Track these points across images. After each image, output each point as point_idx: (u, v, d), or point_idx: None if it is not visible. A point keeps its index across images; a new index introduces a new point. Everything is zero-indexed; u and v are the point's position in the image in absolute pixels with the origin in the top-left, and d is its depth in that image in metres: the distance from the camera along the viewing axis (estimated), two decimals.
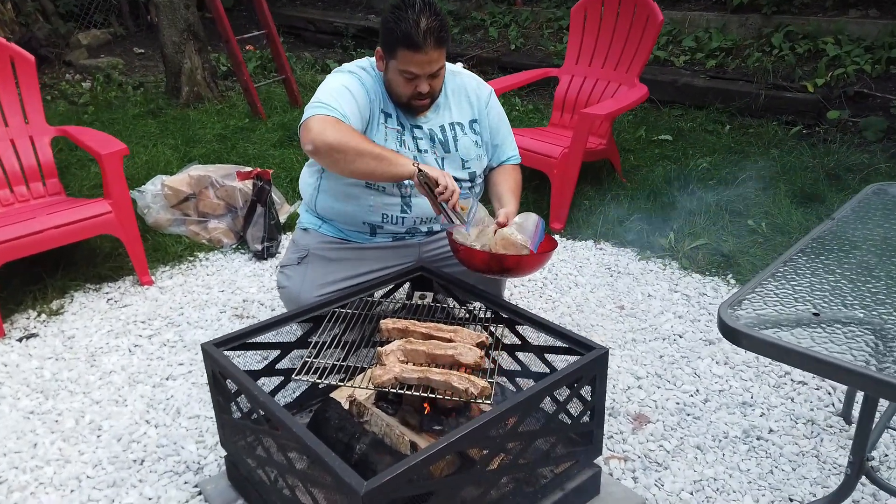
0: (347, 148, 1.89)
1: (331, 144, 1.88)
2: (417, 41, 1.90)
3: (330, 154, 1.90)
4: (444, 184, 1.89)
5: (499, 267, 1.94)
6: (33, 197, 3.21)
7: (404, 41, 1.92)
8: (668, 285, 2.96)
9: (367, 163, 1.90)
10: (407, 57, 1.95)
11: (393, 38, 1.94)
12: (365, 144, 1.92)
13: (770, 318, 1.30)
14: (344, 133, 1.90)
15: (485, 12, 7.10)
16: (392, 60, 2.00)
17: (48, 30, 7.02)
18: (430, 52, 1.94)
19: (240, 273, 3.20)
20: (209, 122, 5.04)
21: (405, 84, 2.02)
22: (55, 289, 3.02)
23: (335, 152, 1.89)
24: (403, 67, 1.97)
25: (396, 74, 2.01)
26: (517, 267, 1.96)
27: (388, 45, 1.98)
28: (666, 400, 2.28)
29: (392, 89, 2.07)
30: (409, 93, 2.04)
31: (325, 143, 1.88)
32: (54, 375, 2.50)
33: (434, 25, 1.91)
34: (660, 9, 3.58)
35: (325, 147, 1.88)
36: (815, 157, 3.99)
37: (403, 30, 1.90)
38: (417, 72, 1.98)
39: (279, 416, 1.52)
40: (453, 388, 1.65)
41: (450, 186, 1.90)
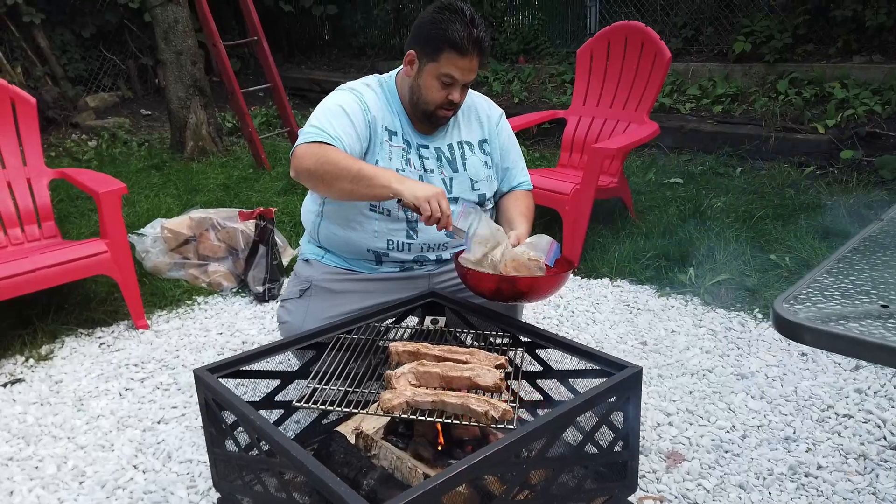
0: (324, 172, 1.82)
1: (308, 170, 1.84)
2: (466, 45, 1.87)
3: (310, 179, 1.88)
4: (428, 211, 1.74)
5: (511, 290, 1.75)
6: (28, 240, 3.11)
7: (453, 44, 1.87)
8: (691, 321, 2.80)
9: (343, 185, 1.82)
10: (452, 60, 1.89)
11: (440, 38, 1.88)
12: (342, 165, 1.81)
13: (833, 311, 1.15)
14: (322, 156, 1.83)
15: (488, 69, 7.18)
16: (431, 63, 1.92)
17: (57, 93, 7.09)
18: (474, 59, 1.91)
19: (240, 316, 3.05)
20: (212, 174, 4.99)
21: (439, 89, 1.95)
22: (46, 333, 2.87)
23: (313, 177, 1.86)
24: (446, 71, 1.91)
25: (433, 79, 1.94)
26: (531, 290, 1.78)
27: (431, 47, 1.91)
28: (700, 437, 2.09)
29: (421, 95, 1.98)
30: (440, 100, 1.96)
31: (303, 168, 1.85)
32: (38, 420, 2.32)
33: (482, 34, 1.90)
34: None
35: (305, 173, 1.86)
36: (832, 196, 3.89)
37: (455, 31, 1.86)
38: (458, 77, 1.92)
39: (282, 443, 1.35)
40: (472, 412, 1.48)
41: (434, 213, 1.74)
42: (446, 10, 1.90)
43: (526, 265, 1.79)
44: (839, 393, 2.26)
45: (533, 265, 1.79)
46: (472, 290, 1.85)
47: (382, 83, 2.09)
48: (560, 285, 1.86)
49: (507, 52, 7.41)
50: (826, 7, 5.28)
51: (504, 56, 7.43)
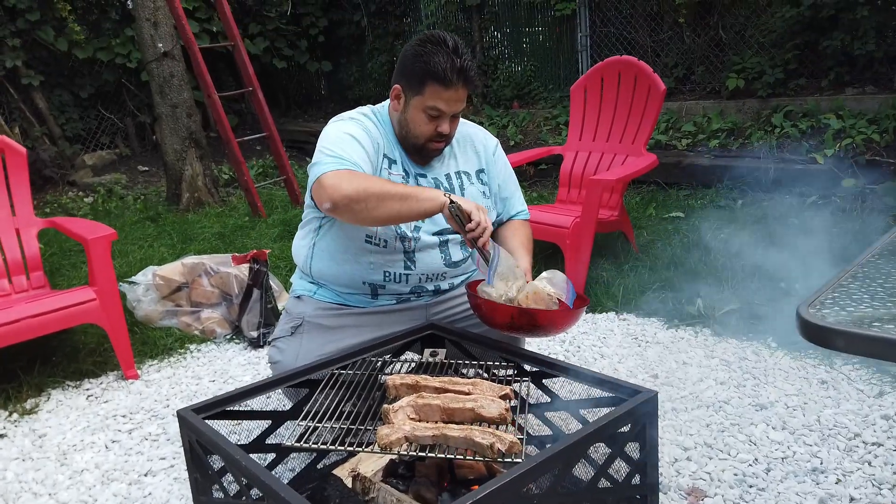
0: (368, 195, 1.71)
1: (349, 196, 1.71)
2: (450, 77, 1.81)
3: (350, 207, 1.73)
4: (478, 219, 1.70)
5: (528, 323, 1.68)
6: (15, 291, 3.02)
7: (436, 76, 1.82)
8: (703, 352, 2.69)
9: (391, 206, 1.72)
10: (437, 92, 1.84)
11: (424, 72, 1.83)
12: (386, 187, 1.76)
13: (865, 315, 1.06)
14: (360, 181, 1.74)
15: (482, 116, 7.21)
16: (417, 97, 1.87)
17: (54, 152, 7.11)
18: (459, 89, 1.85)
19: (233, 363, 2.94)
20: (208, 223, 4.94)
21: (427, 123, 1.89)
22: (31, 387, 2.76)
23: (355, 203, 1.72)
24: (431, 104, 1.85)
25: (419, 112, 1.88)
26: (550, 323, 1.71)
27: (415, 80, 1.86)
28: (721, 471, 1.95)
29: (410, 129, 1.92)
30: (429, 133, 1.90)
31: (343, 196, 1.72)
32: (18, 477, 2.19)
33: (466, 64, 1.84)
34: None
35: (345, 200, 1.72)
36: (837, 224, 3.82)
37: (438, 63, 1.81)
38: (444, 109, 1.86)
39: (275, 488, 1.23)
40: (476, 445, 1.37)
41: (482, 223, 1.71)
42: (428, 42, 1.85)
43: (544, 299, 1.71)
44: (865, 420, 2.13)
45: (549, 300, 1.71)
46: (484, 320, 1.76)
47: (376, 112, 2.04)
48: (576, 320, 1.79)
49: (501, 98, 7.47)
50: (815, 41, 5.32)
51: (498, 102, 7.49)
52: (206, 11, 7.94)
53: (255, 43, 8.55)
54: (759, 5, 5.68)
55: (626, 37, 6.44)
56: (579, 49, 6.75)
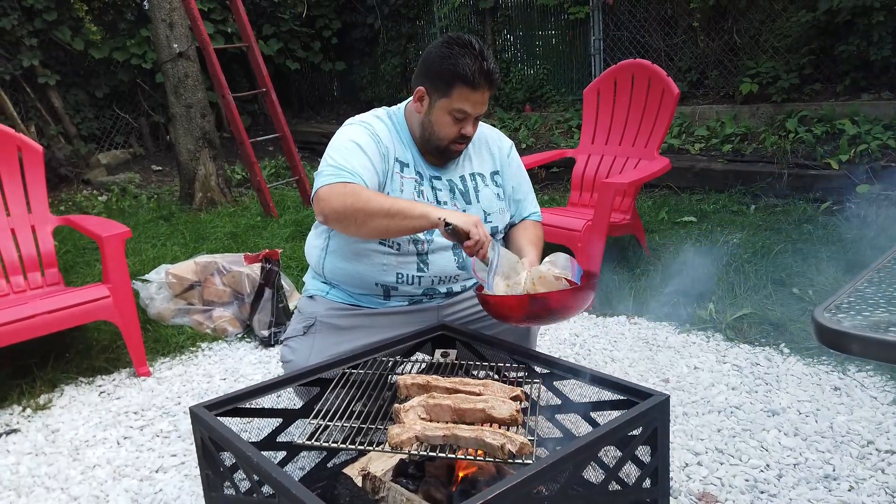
0: (355, 211, 1.74)
1: (337, 211, 1.76)
2: (478, 79, 1.83)
3: (340, 221, 1.79)
4: (476, 237, 1.68)
5: (541, 308, 1.64)
6: (30, 287, 3.05)
7: (464, 78, 1.82)
8: (714, 357, 2.67)
9: (379, 223, 1.74)
10: (464, 95, 1.84)
11: (451, 73, 1.83)
12: (375, 202, 1.75)
13: (881, 319, 1.05)
14: (350, 196, 1.76)
15: (494, 119, 7.22)
16: (443, 99, 1.87)
17: (69, 151, 7.18)
18: (485, 92, 1.86)
19: (244, 361, 2.95)
20: (220, 223, 4.96)
21: (452, 124, 1.89)
22: (45, 382, 2.78)
23: (345, 219, 1.77)
24: (458, 106, 1.86)
25: (445, 114, 1.88)
26: (562, 305, 1.66)
27: (442, 82, 1.86)
28: (733, 477, 1.94)
29: (434, 131, 1.92)
30: (453, 134, 1.91)
31: (332, 210, 1.77)
32: (31, 471, 2.21)
33: (492, 66, 1.85)
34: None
35: (334, 216, 1.78)
36: (852, 230, 3.79)
37: (466, 65, 1.81)
38: (470, 111, 1.87)
39: (287, 485, 1.24)
40: (487, 446, 1.37)
41: (480, 239, 1.69)
42: (455, 44, 1.85)
43: (551, 282, 1.70)
44: (878, 427, 2.11)
45: (557, 282, 1.70)
46: (496, 316, 1.74)
47: (391, 115, 2.05)
48: (589, 297, 1.74)
49: (514, 101, 7.47)
50: (830, 46, 5.29)
51: (510, 105, 7.49)
52: (221, 13, 7.99)
53: (269, 44, 8.60)
54: (774, 10, 5.65)
55: (639, 41, 6.43)
56: (592, 52, 6.74)
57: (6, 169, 3.08)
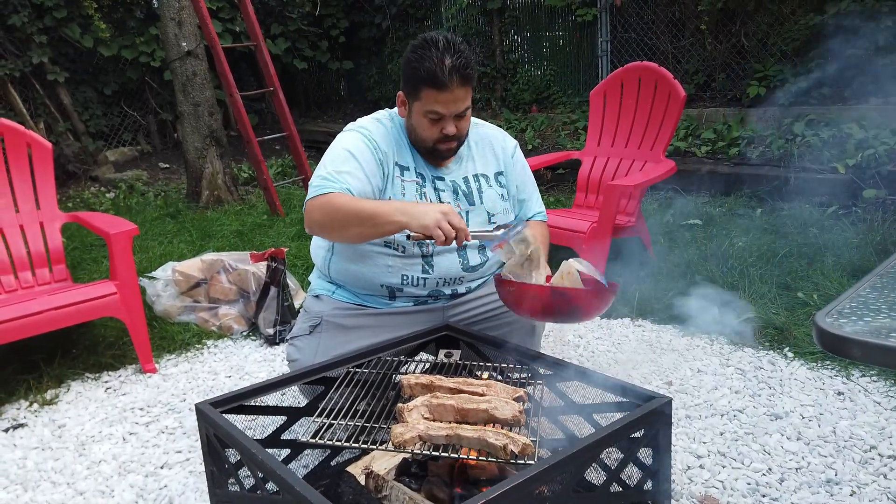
0: (332, 221, 1.81)
1: (318, 223, 1.85)
2: (442, 79, 1.80)
3: (323, 231, 1.90)
4: (441, 237, 1.64)
5: (564, 306, 1.65)
6: (38, 283, 3.07)
7: (428, 80, 1.81)
8: (718, 360, 2.68)
9: (354, 230, 1.80)
10: (432, 96, 1.84)
11: (416, 77, 1.83)
12: (346, 210, 1.78)
13: (883, 325, 1.05)
14: (327, 206, 1.80)
15: (501, 119, 7.22)
16: (416, 102, 1.88)
17: (77, 147, 7.22)
18: (455, 90, 1.83)
19: (249, 359, 2.97)
20: (227, 221, 4.99)
21: (430, 126, 1.89)
22: (51, 378, 2.81)
23: (325, 229, 1.87)
24: (429, 108, 1.86)
25: (421, 117, 1.89)
26: (585, 305, 1.67)
27: (412, 86, 1.87)
28: (735, 480, 1.95)
29: (417, 134, 1.94)
30: (434, 136, 1.91)
31: (314, 223, 1.86)
32: (37, 465, 2.23)
33: (459, 63, 1.81)
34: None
35: (316, 227, 1.87)
36: (857, 235, 3.78)
37: (427, 68, 1.80)
38: (443, 111, 1.86)
39: (290, 482, 1.25)
40: (489, 446, 1.38)
41: (448, 236, 1.64)
42: (420, 46, 1.84)
43: (577, 281, 1.70)
44: (881, 433, 2.11)
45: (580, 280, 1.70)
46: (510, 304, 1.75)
47: (393, 117, 2.06)
48: (606, 306, 1.75)
49: (520, 102, 7.47)
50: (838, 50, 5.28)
51: (517, 106, 7.49)
52: (230, 11, 8.02)
53: (277, 43, 8.63)
54: (782, 13, 5.64)
55: (647, 43, 6.43)
56: (599, 54, 6.74)
57: (16, 166, 3.10)
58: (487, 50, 7.74)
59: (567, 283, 1.69)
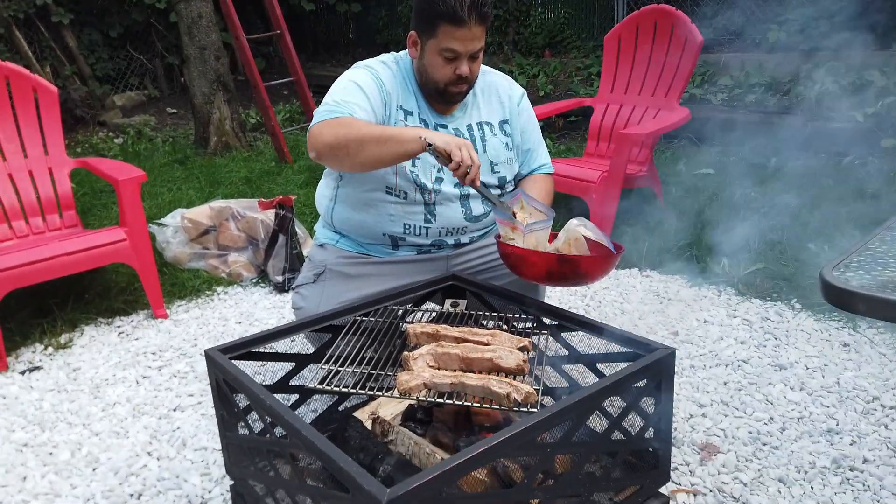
0: (347, 141, 1.72)
1: (329, 144, 1.74)
2: (461, 15, 1.76)
3: (333, 154, 1.76)
4: (458, 158, 1.63)
5: (571, 272, 1.63)
6: (49, 229, 3.09)
7: (447, 16, 1.78)
8: (725, 311, 2.68)
9: (370, 150, 1.71)
10: (449, 33, 1.80)
11: (434, 13, 1.79)
12: (365, 130, 1.73)
13: (889, 279, 1.04)
14: (341, 128, 1.74)
15: (512, 64, 7.08)
16: (431, 40, 1.84)
17: (84, 92, 7.17)
18: (473, 27, 1.79)
19: (259, 306, 3.00)
20: (235, 168, 4.97)
21: (444, 65, 1.85)
22: (65, 322, 2.86)
23: (337, 150, 1.74)
24: (446, 45, 1.82)
25: (435, 55, 1.85)
26: (592, 270, 1.66)
27: (427, 23, 1.83)
28: (736, 429, 1.97)
29: (428, 74, 1.90)
30: (447, 76, 1.87)
31: (324, 144, 1.74)
32: (54, 407, 2.29)
33: (477, 0, 1.77)
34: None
35: (326, 149, 1.75)
36: (873, 185, 3.73)
37: (447, 3, 1.76)
38: (460, 49, 1.82)
39: (296, 426, 1.27)
40: (493, 394, 1.40)
41: (465, 160, 1.63)
42: None
43: (583, 247, 1.68)
44: (885, 384, 2.13)
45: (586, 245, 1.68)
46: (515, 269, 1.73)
47: (399, 61, 2.02)
48: (610, 270, 1.74)
49: (533, 47, 7.31)
50: None
51: (529, 50, 7.33)
52: None
53: None
54: None
55: None
56: None
57: (23, 111, 3.08)
58: None
59: (573, 250, 1.66)
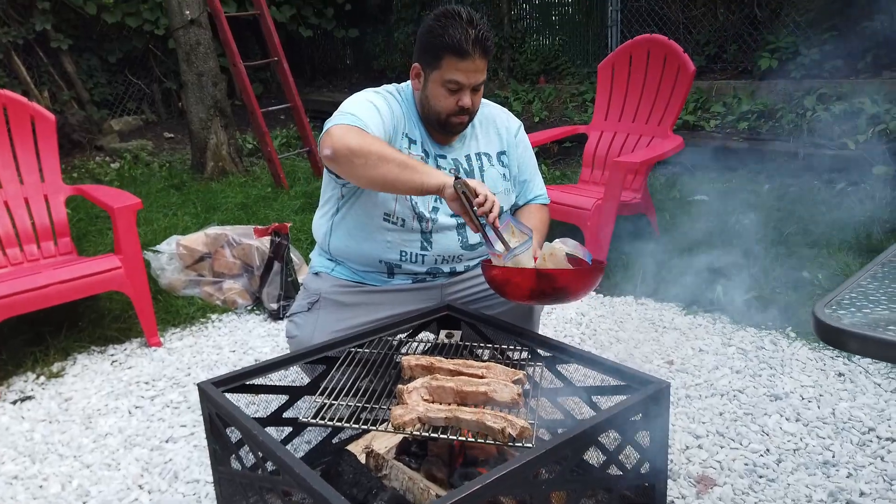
0: (369, 152, 1.71)
1: (352, 148, 1.70)
2: (465, 48, 1.80)
3: (350, 159, 1.72)
4: (485, 194, 1.67)
5: (550, 288, 1.64)
6: (44, 256, 3.09)
7: (451, 48, 1.81)
8: (720, 340, 2.68)
9: (390, 169, 1.70)
10: (453, 64, 1.83)
11: (439, 45, 1.83)
12: (390, 150, 1.74)
13: (881, 317, 1.05)
14: (367, 139, 1.74)
15: (508, 90, 7.15)
16: (434, 71, 1.87)
17: (82, 116, 7.19)
18: (476, 60, 1.83)
19: (253, 333, 2.99)
20: (231, 193, 4.98)
21: (447, 97, 1.88)
22: (58, 350, 2.84)
23: (356, 156, 1.71)
24: (449, 77, 1.84)
25: (438, 87, 1.88)
26: (571, 285, 1.66)
27: (432, 55, 1.86)
28: (732, 460, 1.96)
29: (431, 106, 1.92)
30: (450, 107, 1.89)
31: (346, 146, 1.71)
32: (44, 438, 2.27)
33: (482, 34, 1.82)
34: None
35: (346, 150, 1.71)
36: (866, 213, 3.75)
37: (452, 35, 1.80)
38: (463, 81, 1.85)
39: (287, 462, 1.27)
40: (488, 429, 1.39)
41: (490, 198, 1.68)
42: (442, 16, 1.85)
43: (562, 261, 1.69)
44: (881, 415, 2.12)
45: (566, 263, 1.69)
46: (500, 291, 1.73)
47: (401, 91, 2.05)
48: (595, 283, 1.75)
49: (528, 73, 7.38)
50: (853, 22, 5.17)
51: (525, 77, 7.40)
52: None
53: (282, 11, 8.52)
54: None
55: (657, 12, 6.32)
56: (609, 24, 6.64)
57: (20, 138, 3.09)
58: (495, 18, 7.61)
59: (550, 265, 1.67)
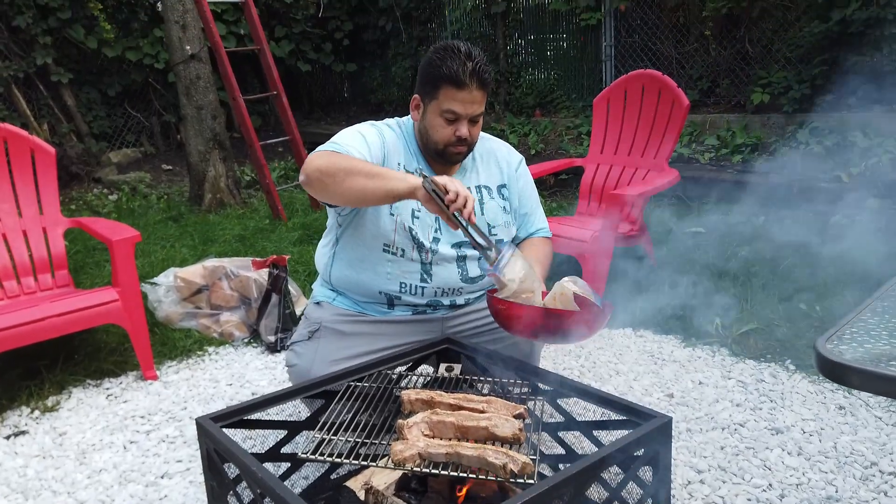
0: (337, 169, 1.74)
1: (321, 169, 1.76)
2: (463, 79, 1.84)
3: (320, 179, 1.77)
4: (455, 188, 1.64)
5: (556, 327, 1.62)
6: (41, 289, 3.08)
7: (449, 78, 1.85)
8: (720, 372, 2.67)
9: (358, 181, 1.72)
10: (451, 95, 1.86)
11: (437, 76, 1.87)
12: (357, 163, 1.76)
13: (882, 352, 1.05)
14: (335, 158, 1.78)
15: (504, 123, 7.22)
16: (433, 102, 1.90)
17: (81, 149, 7.23)
18: (473, 91, 1.87)
19: (250, 366, 2.97)
20: (229, 225, 4.99)
21: (445, 126, 1.91)
22: (53, 384, 2.81)
23: (325, 176, 1.76)
24: (447, 106, 1.88)
25: (436, 116, 1.91)
26: (577, 326, 1.64)
27: (431, 85, 1.90)
28: (735, 496, 1.95)
29: (429, 135, 1.95)
30: (447, 137, 1.92)
31: (315, 168, 1.77)
32: (38, 474, 2.24)
33: (479, 67, 1.87)
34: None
35: (316, 172, 1.77)
36: (860, 245, 3.77)
37: (450, 66, 1.85)
38: (460, 111, 1.88)
39: (287, 499, 1.25)
40: (489, 465, 1.38)
41: (461, 192, 1.64)
42: (442, 49, 1.90)
43: (570, 302, 1.68)
44: (882, 449, 2.11)
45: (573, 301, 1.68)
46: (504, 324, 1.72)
47: (401, 125, 2.08)
48: (602, 325, 1.74)
49: (524, 106, 7.47)
50: (843, 57, 5.27)
51: (520, 110, 7.49)
52: (234, 13, 8.04)
53: (281, 46, 8.64)
54: (787, 20, 5.63)
55: (650, 48, 6.42)
56: (603, 59, 6.74)
57: (19, 171, 3.11)
58: (491, 53, 7.72)
59: (559, 305, 1.67)
